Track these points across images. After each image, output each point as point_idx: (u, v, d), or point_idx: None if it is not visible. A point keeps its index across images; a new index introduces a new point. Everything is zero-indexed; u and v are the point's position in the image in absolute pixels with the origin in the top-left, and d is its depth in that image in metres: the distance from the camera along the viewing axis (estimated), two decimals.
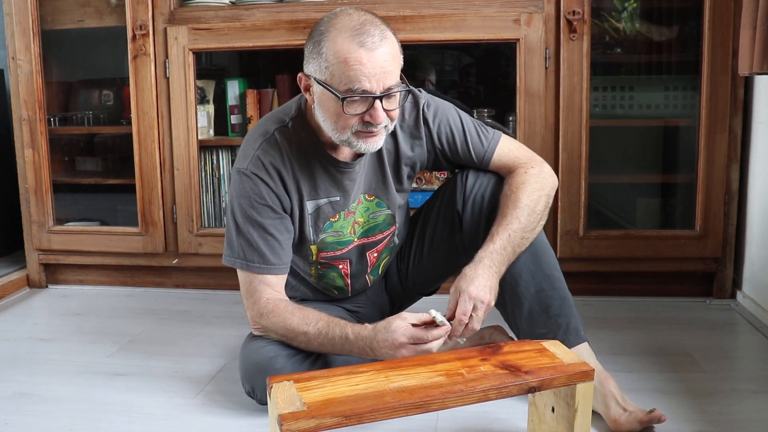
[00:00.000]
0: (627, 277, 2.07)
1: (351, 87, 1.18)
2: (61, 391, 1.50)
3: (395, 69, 1.21)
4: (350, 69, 1.17)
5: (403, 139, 1.41)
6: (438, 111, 1.42)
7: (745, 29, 1.49)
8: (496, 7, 1.95)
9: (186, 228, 2.15)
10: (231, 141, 2.20)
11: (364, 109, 1.21)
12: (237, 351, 1.70)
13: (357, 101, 1.20)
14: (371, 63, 1.17)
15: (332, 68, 1.19)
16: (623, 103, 2.15)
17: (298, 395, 1.00)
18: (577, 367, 1.10)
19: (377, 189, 1.44)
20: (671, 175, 2.23)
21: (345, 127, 1.23)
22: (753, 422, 1.30)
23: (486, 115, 2.16)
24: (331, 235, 1.43)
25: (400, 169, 1.44)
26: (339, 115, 1.22)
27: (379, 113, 1.20)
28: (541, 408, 1.19)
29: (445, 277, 1.62)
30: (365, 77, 1.17)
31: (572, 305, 1.36)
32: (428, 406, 1.01)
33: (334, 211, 1.40)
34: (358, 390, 1.02)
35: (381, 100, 1.20)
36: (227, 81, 2.25)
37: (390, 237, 1.51)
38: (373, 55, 1.17)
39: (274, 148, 1.33)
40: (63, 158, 2.40)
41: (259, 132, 1.36)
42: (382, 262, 1.54)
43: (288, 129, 1.35)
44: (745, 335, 1.79)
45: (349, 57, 1.17)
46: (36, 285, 2.30)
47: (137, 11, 2.06)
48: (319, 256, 1.45)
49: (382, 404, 0.98)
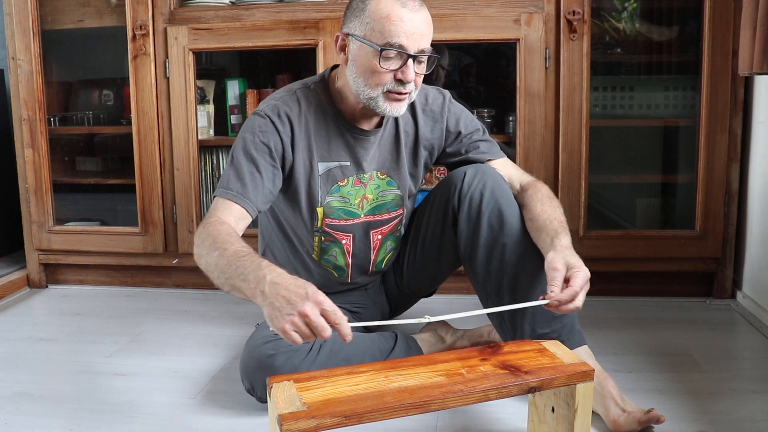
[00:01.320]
0: (627, 277, 2.07)
1: (390, 41, 1.26)
2: (61, 391, 1.50)
3: (430, 35, 1.30)
4: (392, 24, 1.26)
5: (424, 122, 1.48)
6: (462, 109, 1.52)
7: (745, 29, 1.49)
8: (496, 7, 1.95)
9: (186, 228, 2.15)
10: (231, 141, 2.20)
11: (397, 66, 1.28)
12: (237, 351, 1.71)
13: (392, 57, 1.28)
14: (411, 22, 1.26)
15: (374, 23, 1.27)
16: (623, 103, 2.15)
17: (298, 395, 1.00)
18: (577, 367, 1.10)
19: (390, 168, 1.48)
20: (671, 175, 2.23)
21: (378, 84, 1.30)
22: (753, 422, 1.30)
23: (486, 115, 2.16)
24: (337, 200, 1.44)
25: (418, 152, 1.49)
26: (373, 71, 1.29)
27: (411, 72, 1.28)
28: (541, 408, 1.19)
29: (440, 278, 1.62)
30: (404, 34, 1.26)
31: None
32: (428, 406, 1.01)
33: (343, 175, 1.44)
34: (358, 390, 1.02)
35: (413, 61, 1.28)
36: (227, 81, 2.25)
37: (397, 221, 1.52)
38: (414, 15, 1.27)
39: (294, 102, 1.40)
40: (63, 158, 2.40)
41: (284, 90, 1.43)
42: (385, 252, 1.54)
43: (310, 90, 1.42)
44: (745, 335, 1.79)
45: (392, 13, 1.26)
46: (36, 285, 2.31)
47: (137, 11, 2.06)
48: (324, 222, 1.46)
49: (382, 404, 0.98)
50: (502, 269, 1.37)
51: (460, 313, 1.18)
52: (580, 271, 1.19)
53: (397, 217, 1.52)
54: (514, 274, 1.36)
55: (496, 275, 1.38)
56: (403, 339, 1.52)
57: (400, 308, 1.72)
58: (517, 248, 1.36)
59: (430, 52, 1.31)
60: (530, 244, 1.35)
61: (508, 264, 1.37)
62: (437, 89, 1.51)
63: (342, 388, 1.02)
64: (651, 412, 1.23)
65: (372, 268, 1.55)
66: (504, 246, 1.37)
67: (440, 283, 1.66)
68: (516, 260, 1.36)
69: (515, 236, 1.37)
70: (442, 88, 1.54)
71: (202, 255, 1.19)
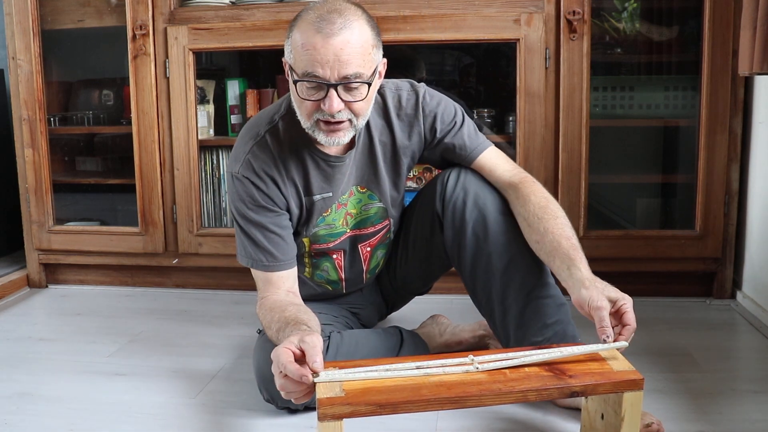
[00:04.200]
0: (627, 277, 2.06)
1: (306, 70, 1.18)
2: (61, 391, 1.50)
3: (357, 59, 1.18)
4: (305, 52, 1.17)
5: (400, 129, 1.41)
6: (440, 101, 1.42)
7: (745, 29, 1.49)
8: (496, 7, 1.95)
9: (186, 228, 2.15)
10: (231, 141, 2.20)
11: (319, 96, 1.20)
12: (237, 351, 1.71)
13: (313, 87, 1.20)
14: (324, 49, 1.16)
15: (294, 52, 1.21)
16: (623, 103, 2.15)
17: (338, 380, 1.03)
18: (626, 375, 1.07)
19: (369, 181, 1.43)
20: (671, 175, 2.23)
21: (307, 114, 1.24)
22: (753, 422, 1.30)
23: (486, 115, 2.16)
24: (323, 229, 1.44)
25: (399, 161, 1.43)
26: (301, 101, 1.23)
27: (333, 102, 1.19)
28: (593, 414, 1.17)
29: (433, 277, 1.61)
30: (318, 63, 1.17)
31: (568, 312, 1.34)
32: (464, 402, 1.01)
33: (326, 206, 1.41)
34: (397, 381, 1.04)
35: (337, 90, 1.19)
36: (227, 81, 2.25)
37: (384, 232, 1.51)
38: (327, 41, 1.16)
39: (265, 152, 1.34)
40: (63, 158, 2.40)
41: (250, 135, 1.36)
42: (377, 260, 1.54)
43: (278, 129, 1.35)
44: (745, 335, 1.79)
45: (306, 42, 1.17)
46: (36, 285, 2.31)
47: (137, 11, 2.06)
48: (312, 247, 1.46)
49: (417, 396, 1.00)
50: (488, 279, 1.36)
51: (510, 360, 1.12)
52: (626, 303, 1.16)
53: (383, 229, 1.50)
54: (502, 283, 1.34)
55: (484, 285, 1.37)
56: (409, 335, 1.53)
57: (397, 306, 1.72)
58: (503, 257, 1.34)
59: (361, 77, 1.19)
60: (517, 251, 1.33)
61: (494, 274, 1.35)
62: (411, 86, 1.41)
63: (384, 375, 1.05)
64: (651, 426, 1.21)
65: (366, 277, 1.55)
66: (489, 255, 1.35)
67: (434, 282, 1.66)
68: (503, 269, 1.34)
69: (500, 245, 1.34)
70: (437, 88, 1.48)
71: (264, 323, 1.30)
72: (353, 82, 1.19)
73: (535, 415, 1.34)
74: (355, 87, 1.20)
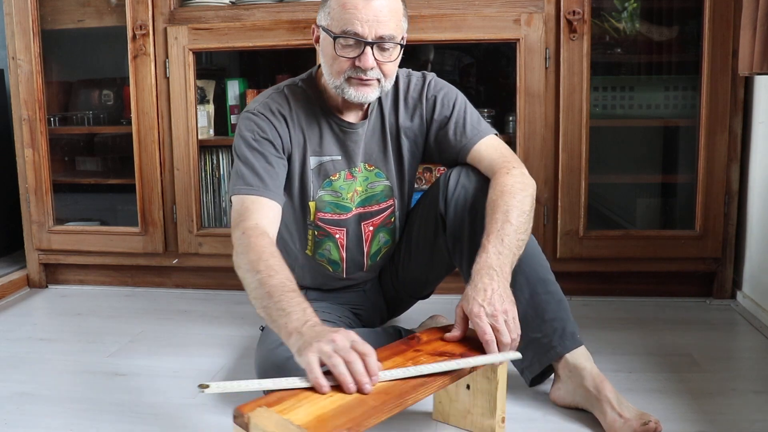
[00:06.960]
0: (627, 277, 2.07)
1: (345, 29, 1.27)
2: (61, 391, 1.50)
3: (392, 22, 1.29)
4: (347, 12, 1.27)
5: (404, 110, 1.47)
6: (443, 88, 1.48)
7: (745, 29, 1.49)
8: (496, 7, 1.95)
9: (186, 228, 2.15)
10: (231, 141, 2.18)
11: (355, 54, 1.29)
12: (237, 351, 1.71)
13: (350, 45, 1.29)
14: (366, 9, 1.26)
15: (332, 13, 1.30)
16: (623, 103, 2.15)
17: (284, 418, 0.95)
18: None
19: (377, 159, 1.48)
20: (671, 175, 2.23)
21: (339, 72, 1.31)
22: (753, 422, 1.30)
23: (486, 115, 2.16)
24: (329, 194, 1.45)
25: (401, 141, 1.48)
26: (334, 58, 1.31)
27: (369, 59, 1.28)
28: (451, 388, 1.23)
29: (435, 280, 1.62)
30: (358, 21, 1.26)
31: (567, 309, 1.35)
32: (405, 403, 1.02)
33: (335, 169, 1.44)
34: (337, 402, 0.99)
35: (372, 48, 1.28)
36: (227, 81, 2.25)
37: (389, 212, 1.52)
38: (369, 3, 1.26)
39: (283, 99, 1.42)
40: (63, 158, 2.40)
41: (272, 88, 1.45)
42: (378, 244, 1.53)
43: (298, 87, 1.44)
44: (745, 335, 1.79)
45: (348, 2, 1.27)
46: (36, 285, 2.31)
47: (137, 11, 2.06)
48: (317, 216, 1.46)
49: (372, 409, 0.97)
50: None
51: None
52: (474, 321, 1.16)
53: (388, 208, 1.51)
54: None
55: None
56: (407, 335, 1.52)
57: (399, 310, 1.72)
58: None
59: (394, 39, 1.30)
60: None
61: None
62: (422, 74, 1.49)
63: (322, 403, 0.99)
64: (648, 424, 1.20)
65: (367, 262, 1.54)
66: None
67: (435, 286, 1.66)
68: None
69: None
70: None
71: (241, 266, 1.24)
72: (387, 42, 1.29)
73: (535, 415, 1.34)
74: (387, 48, 1.30)
